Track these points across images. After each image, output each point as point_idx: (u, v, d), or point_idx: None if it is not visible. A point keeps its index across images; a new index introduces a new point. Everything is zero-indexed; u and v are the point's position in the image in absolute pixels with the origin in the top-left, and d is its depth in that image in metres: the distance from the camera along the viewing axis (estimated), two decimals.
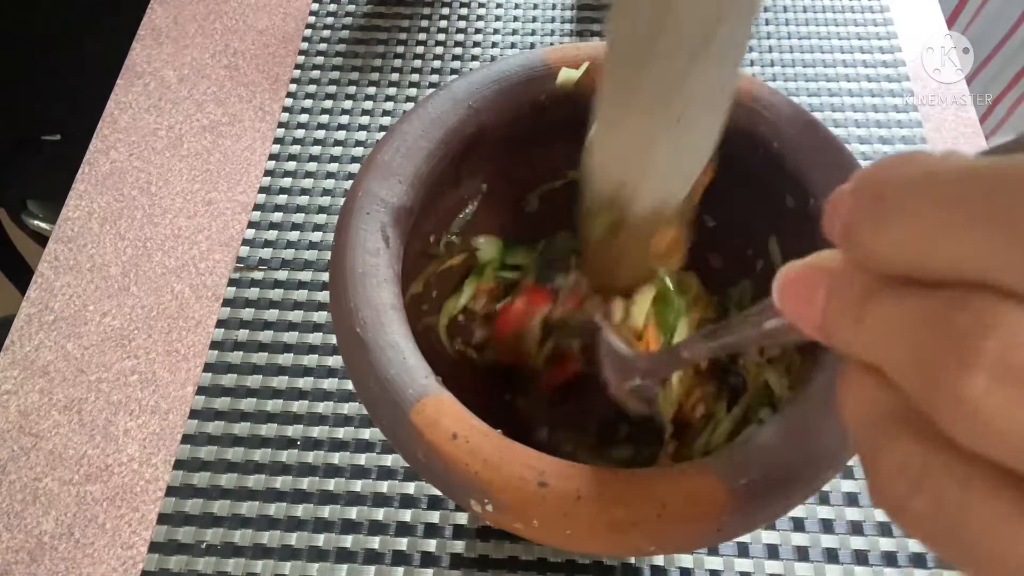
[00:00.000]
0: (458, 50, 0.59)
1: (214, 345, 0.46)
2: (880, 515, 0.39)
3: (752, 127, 0.32)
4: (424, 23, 0.60)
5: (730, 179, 0.35)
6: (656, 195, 0.31)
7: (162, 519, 0.40)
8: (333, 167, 0.53)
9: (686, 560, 0.39)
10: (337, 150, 0.54)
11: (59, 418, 0.43)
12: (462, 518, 0.40)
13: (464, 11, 0.61)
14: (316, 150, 0.54)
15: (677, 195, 0.31)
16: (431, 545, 0.39)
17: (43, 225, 0.85)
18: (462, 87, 0.34)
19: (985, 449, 0.10)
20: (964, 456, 0.10)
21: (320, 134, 0.55)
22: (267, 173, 0.53)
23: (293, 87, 0.57)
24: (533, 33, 0.60)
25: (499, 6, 0.61)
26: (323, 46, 0.59)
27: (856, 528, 0.39)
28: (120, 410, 0.44)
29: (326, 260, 0.49)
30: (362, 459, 0.42)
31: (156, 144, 0.55)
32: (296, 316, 0.47)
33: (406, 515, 0.40)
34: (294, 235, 0.50)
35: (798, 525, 0.39)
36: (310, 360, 0.45)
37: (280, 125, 0.55)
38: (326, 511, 0.40)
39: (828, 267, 0.13)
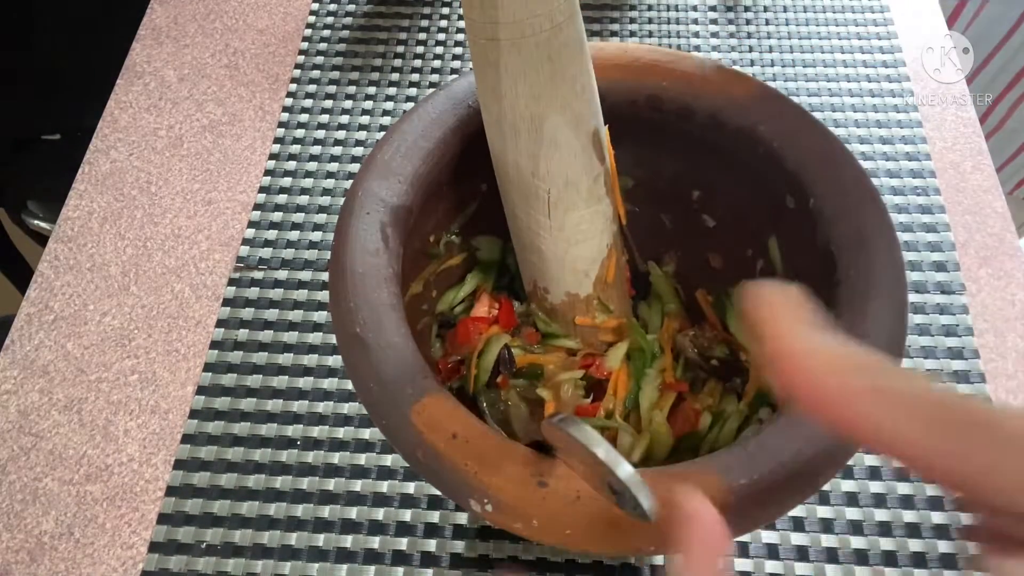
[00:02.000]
0: (458, 50, 0.59)
1: (214, 345, 0.46)
2: (880, 515, 0.39)
3: (752, 127, 0.32)
4: (424, 23, 0.60)
5: (730, 179, 0.35)
6: (562, 288, 0.36)
7: (162, 519, 0.40)
8: (333, 167, 0.53)
9: None
10: (337, 150, 0.54)
11: (59, 418, 0.43)
12: (462, 518, 0.40)
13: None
14: (316, 150, 0.54)
15: (582, 285, 0.36)
16: (431, 545, 0.39)
17: (43, 225, 0.85)
18: (462, 87, 0.34)
19: None
20: None
21: (320, 134, 0.55)
22: (267, 173, 0.53)
23: (293, 87, 0.57)
24: None
25: None
26: (323, 46, 0.59)
27: (856, 528, 0.39)
28: (120, 410, 0.44)
29: (326, 260, 0.49)
30: (362, 459, 0.42)
31: (156, 144, 0.55)
32: (296, 316, 0.47)
33: (406, 515, 0.40)
34: (294, 235, 0.50)
35: (798, 525, 0.39)
36: (310, 360, 0.45)
37: (280, 125, 0.55)
38: (326, 511, 0.40)
39: None
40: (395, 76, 0.57)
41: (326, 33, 0.60)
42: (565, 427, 0.19)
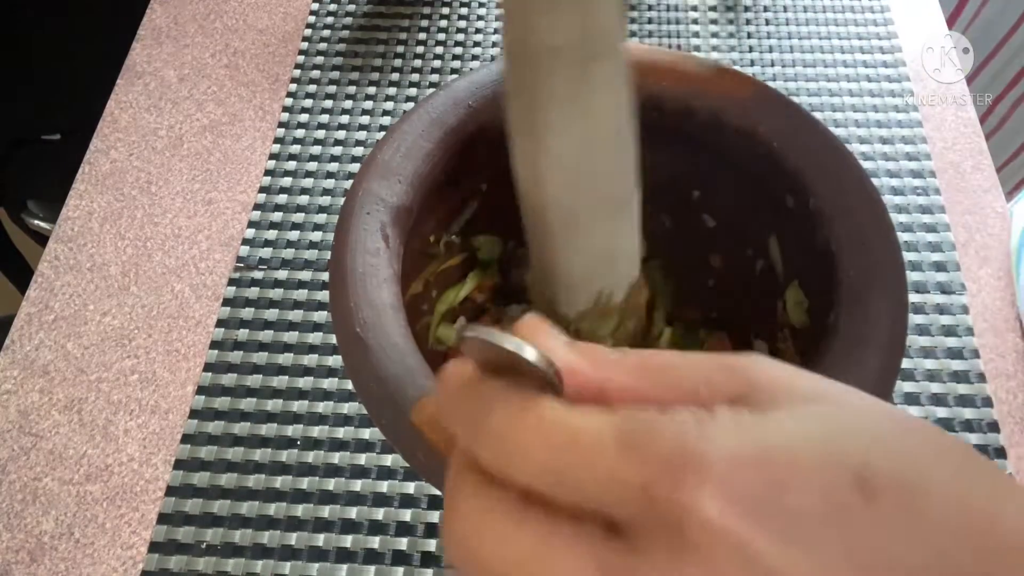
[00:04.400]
0: (458, 50, 0.59)
1: (214, 345, 0.46)
2: None
3: (752, 127, 0.32)
4: (424, 23, 0.60)
5: (730, 179, 0.35)
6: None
7: (162, 519, 0.40)
8: (333, 167, 0.53)
9: None
10: (337, 150, 0.54)
11: (59, 418, 0.43)
12: None
13: (464, 11, 0.61)
14: (316, 150, 0.54)
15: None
16: (431, 545, 0.39)
17: (43, 225, 0.85)
18: (462, 87, 0.34)
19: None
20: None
21: (320, 134, 0.55)
22: (267, 173, 0.53)
23: (293, 87, 0.57)
24: None
25: (499, 6, 0.61)
26: (323, 46, 0.59)
27: None
28: (120, 410, 0.44)
29: (326, 260, 0.49)
30: (362, 459, 0.42)
31: (156, 144, 0.55)
32: (296, 316, 0.47)
33: (406, 515, 0.40)
34: (294, 235, 0.50)
35: None
36: (310, 360, 0.45)
37: (280, 125, 0.55)
38: (326, 511, 0.40)
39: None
40: (395, 76, 0.57)
41: (326, 33, 0.60)
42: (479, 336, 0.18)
